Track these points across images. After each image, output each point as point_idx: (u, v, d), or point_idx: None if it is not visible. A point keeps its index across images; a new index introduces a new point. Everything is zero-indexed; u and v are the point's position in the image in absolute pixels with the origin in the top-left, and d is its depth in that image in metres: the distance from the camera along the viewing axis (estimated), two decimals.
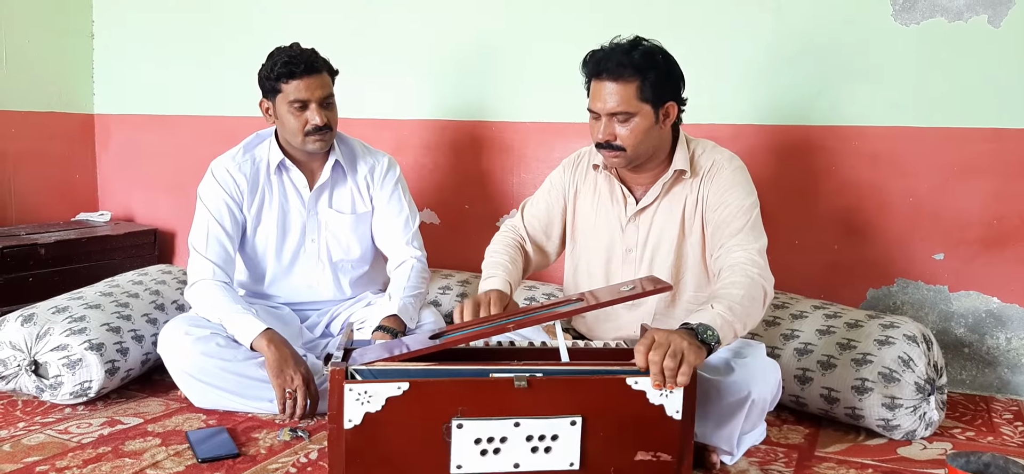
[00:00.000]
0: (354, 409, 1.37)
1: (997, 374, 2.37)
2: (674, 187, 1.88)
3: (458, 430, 1.39)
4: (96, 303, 2.23)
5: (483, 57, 2.85)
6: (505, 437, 1.40)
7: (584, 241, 1.99)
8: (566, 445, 1.42)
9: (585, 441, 1.43)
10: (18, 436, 1.87)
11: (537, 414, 1.40)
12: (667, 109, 1.80)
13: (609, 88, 1.76)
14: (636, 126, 1.76)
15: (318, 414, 1.99)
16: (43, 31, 3.29)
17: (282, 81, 2.09)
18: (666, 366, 1.40)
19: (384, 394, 1.38)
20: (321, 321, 2.32)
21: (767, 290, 1.69)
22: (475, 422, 1.39)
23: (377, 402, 1.38)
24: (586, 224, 1.98)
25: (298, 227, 2.26)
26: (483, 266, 1.98)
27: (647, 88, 1.75)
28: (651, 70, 1.75)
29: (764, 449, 1.89)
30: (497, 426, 1.40)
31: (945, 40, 2.31)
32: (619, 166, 1.85)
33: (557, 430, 1.41)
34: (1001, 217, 2.32)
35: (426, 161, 2.97)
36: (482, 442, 1.40)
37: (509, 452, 1.41)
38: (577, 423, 1.41)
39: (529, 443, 1.41)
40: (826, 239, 2.50)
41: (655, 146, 1.83)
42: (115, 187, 3.55)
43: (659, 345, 1.41)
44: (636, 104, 1.75)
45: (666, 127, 1.83)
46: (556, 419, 1.41)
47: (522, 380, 1.39)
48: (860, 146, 2.43)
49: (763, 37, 2.49)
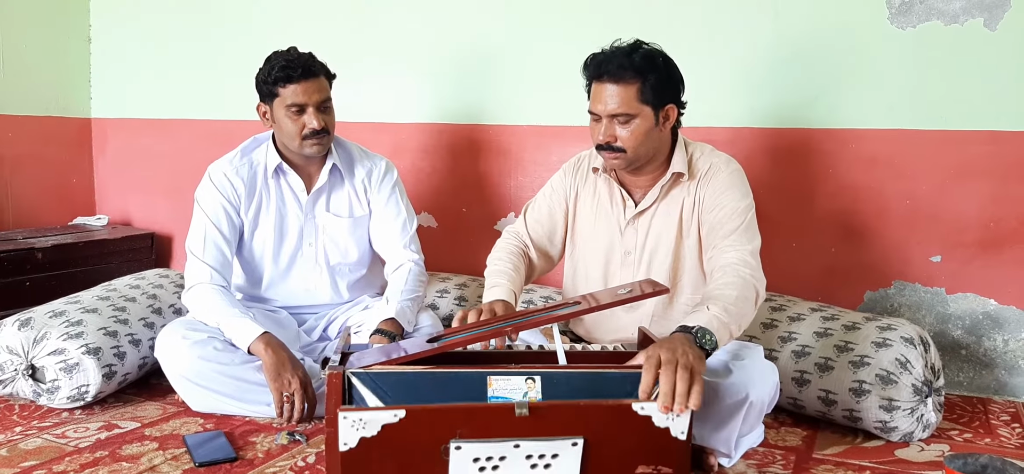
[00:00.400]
0: (349, 434, 1.35)
1: (994, 376, 2.37)
2: (672, 190, 1.88)
3: (456, 451, 1.37)
4: (93, 307, 2.23)
5: (481, 60, 2.86)
6: (504, 456, 1.39)
7: (583, 244, 1.99)
8: (566, 465, 1.40)
9: (586, 461, 1.40)
10: (15, 440, 1.86)
11: (537, 436, 1.38)
12: (667, 112, 1.81)
13: (610, 90, 1.77)
14: (636, 128, 1.77)
15: (316, 417, 1.98)
16: (40, 35, 3.28)
17: (279, 85, 2.09)
18: (678, 391, 1.37)
19: (380, 421, 1.35)
20: (318, 325, 2.32)
21: (759, 291, 1.71)
22: (473, 444, 1.37)
23: (372, 429, 1.35)
24: (585, 227, 1.98)
25: (296, 231, 2.26)
26: (486, 274, 1.97)
27: (647, 90, 1.76)
28: (652, 72, 1.77)
29: (762, 451, 1.89)
30: (496, 447, 1.37)
31: (941, 43, 2.32)
32: (619, 168, 1.85)
33: (558, 450, 1.39)
34: (998, 219, 2.33)
35: (423, 164, 2.97)
36: (480, 461, 1.38)
37: (508, 469, 1.40)
38: (578, 445, 1.39)
39: (528, 461, 1.39)
40: (823, 242, 2.50)
41: (655, 148, 1.84)
42: (112, 191, 3.55)
43: (667, 364, 1.38)
44: (637, 106, 1.76)
45: (666, 129, 1.84)
46: (557, 441, 1.39)
47: (523, 408, 1.35)
48: (858, 149, 2.44)
49: (761, 40, 2.50)
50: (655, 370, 1.39)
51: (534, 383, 1.42)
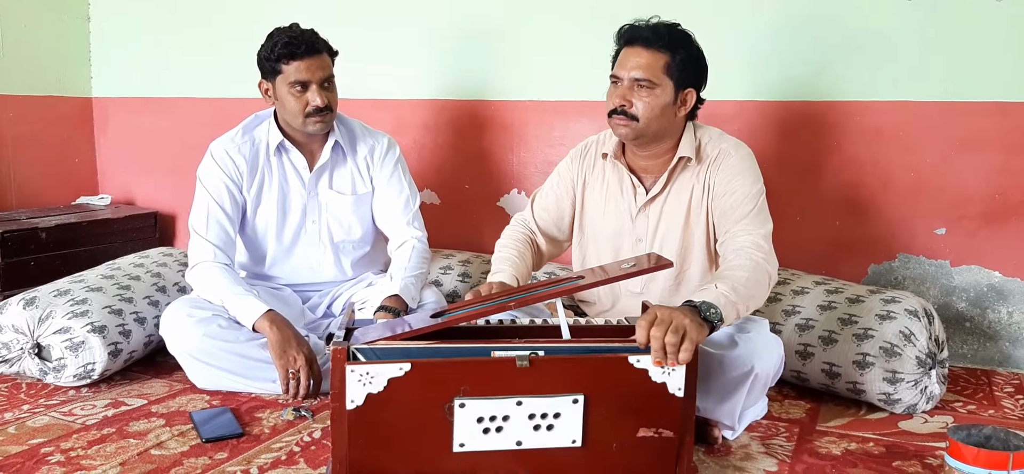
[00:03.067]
0: (356, 390, 1.37)
1: (998, 348, 2.37)
2: (681, 175, 1.87)
3: (460, 409, 1.39)
4: (98, 286, 2.24)
5: (483, 36, 2.84)
6: (508, 415, 1.40)
7: (592, 231, 1.98)
8: (568, 423, 1.42)
9: (587, 419, 1.43)
10: (23, 418, 1.88)
11: (539, 393, 1.40)
12: (685, 95, 1.82)
13: (639, 54, 1.78)
14: (654, 99, 1.77)
15: (321, 393, 1.99)
16: (39, 14, 3.27)
17: (282, 62, 2.08)
18: (668, 342, 1.39)
19: (386, 375, 1.37)
20: (323, 302, 2.32)
21: (772, 274, 1.70)
22: (477, 401, 1.39)
23: (379, 383, 1.37)
24: (594, 215, 1.97)
25: (298, 208, 2.25)
26: (492, 260, 1.97)
27: (674, 67, 1.78)
28: (682, 50, 1.79)
29: (766, 424, 1.89)
30: (499, 405, 1.40)
31: (948, 15, 2.30)
32: (627, 137, 1.83)
33: (559, 408, 1.41)
34: (1004, 191, 2.32)
35: (426, 141, 2.96)
36: (484, 421, 1.40)
37: (511, 430, 1.41)
38: (579, 401, 1.41)
39: (531, 421, 1.41)
40: (828, 215, 2.49)
41: (665, 129, 1.83)
42: (115, 170, 3.55)
43: (661, 321, 1.41)
44: (660, 76, 1.77)
45: (681, 114, 1.84)
46: (558, 397, 1.41)
47: (524, 359, 1.39)
48: (863, 122, 2.42)
49: (766, 13, 2.48)
50: (648, 326, 1.41)
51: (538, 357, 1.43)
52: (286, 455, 1.69)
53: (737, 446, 1.75)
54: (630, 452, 1.45)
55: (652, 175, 1.89)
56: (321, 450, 1.71)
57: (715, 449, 1.72)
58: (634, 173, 1.91)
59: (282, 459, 1.67)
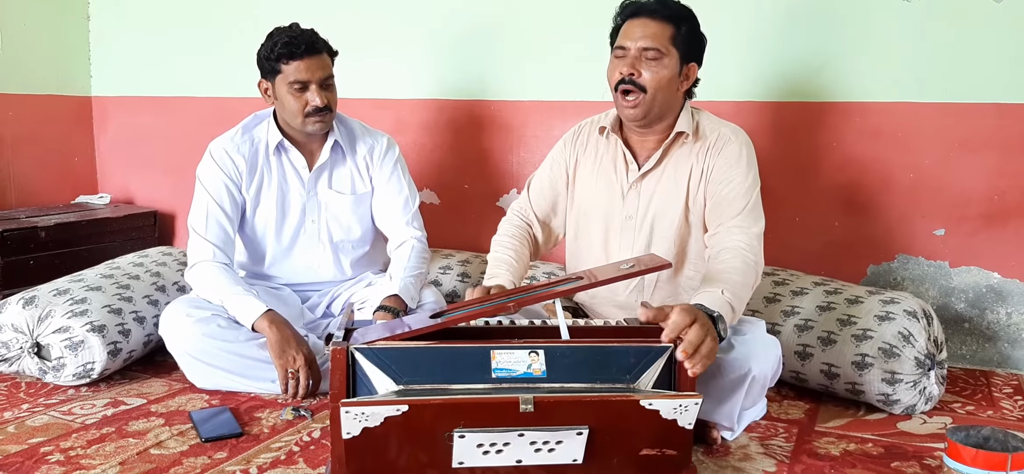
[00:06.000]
0: (352, 425, 1.35)
1: (997, 349, 2.38)
2: (676, 152, 1.85)
3: (460, 439, 1.35)
4: (97, 285, 2.24)
5: (483, 36, 2.84)
6: (508, 442, 1.36)
7: (583, 210, 1.96)
8: (570, 447, 1.39)
9: (590, 443, 1.39)
10: (22, 417, 1.88)
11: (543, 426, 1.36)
12: (689, 70, 1.82)
13: (645, 24, 1.78)
14: (662, 69, 1.77)
15: (320, 393, 2.00)
16: (39, 13, 3.27)
17: (282, 62, 2.08)
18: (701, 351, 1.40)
19: (382, 414, 1.33)
20: (322, 302, 2.32)
21: (758, 276, 1.72)
22: (477, 433, 1.35)
23: (375, 420, 1.34)
24: (585, 192, 1.95)
25: (298, 208, 2.25)
26: (488, 259, 1.96)
27: (680, 38, 1.78)
28: (686, 22, 1.80)
29: (764, 424, 1.90)
30: (500, 435, 1.36)
31: (947, 15, 2.30)
32: (635, 118, 1.81)
33: (562, 437, 1.38)
34: (1002, 192, 2.32)
35: (425, 141, 2.96)
36: (484, 446, 1.37)
37: (511, 452, 1.38)
38: (583, 433, 1.37)
39: (532, 446, 1.38)
40: (827, 215, 2.49)
41: (668, 104, 1.82)
42: (114, 169, 3.55)
43: (701, 325, 1.41)
44: (668, 46, 1.77)
45: (682, 89, 1.83)
46: (562, 430, 1.37)
47: (528, 402, 1.32)
48: (862, 122, 2.42)
49: (765, 12, 2.48)
50: (689, 320, 1.40)
51: (537, 356, 1.42)
52: (285, 455, 1.69)
53: (736, 447, 1.75)
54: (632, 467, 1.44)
55: (648, 152, 1.87)
56: (320, 450, 1.71)
57: (714, 450, 1.73)
58: (630, 149, 1.89)
59: (281, 459, 1.67)
